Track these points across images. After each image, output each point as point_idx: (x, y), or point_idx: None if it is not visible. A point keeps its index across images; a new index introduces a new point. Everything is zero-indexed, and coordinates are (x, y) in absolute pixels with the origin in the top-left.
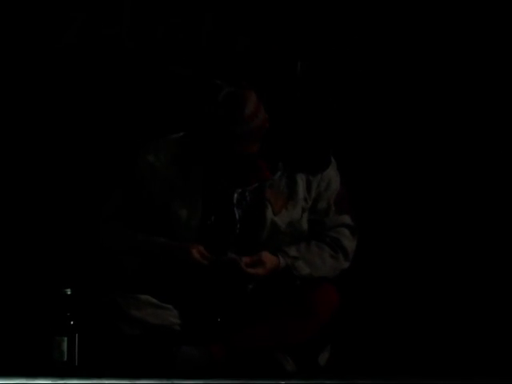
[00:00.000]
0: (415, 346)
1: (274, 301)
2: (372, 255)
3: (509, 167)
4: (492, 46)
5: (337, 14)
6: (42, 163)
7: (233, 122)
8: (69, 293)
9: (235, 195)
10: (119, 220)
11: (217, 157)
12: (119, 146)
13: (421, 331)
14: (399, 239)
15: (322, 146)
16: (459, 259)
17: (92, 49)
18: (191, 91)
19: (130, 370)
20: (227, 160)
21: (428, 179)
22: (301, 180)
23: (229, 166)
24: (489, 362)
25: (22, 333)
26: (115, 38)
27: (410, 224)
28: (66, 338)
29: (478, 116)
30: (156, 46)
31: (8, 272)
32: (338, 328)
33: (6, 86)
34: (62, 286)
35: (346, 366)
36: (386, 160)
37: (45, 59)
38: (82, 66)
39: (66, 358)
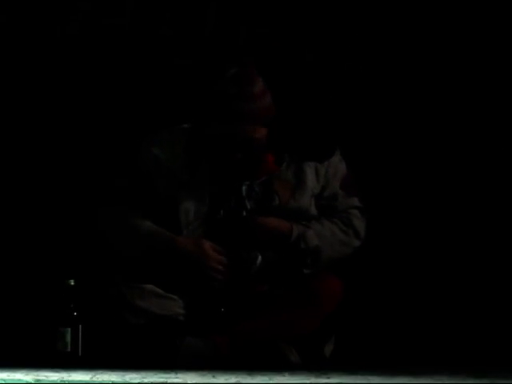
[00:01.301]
0: (420, 337)
1: (278, 292)
2: (376, 246)
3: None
4: (493, 44)
5: (345, 5)
6: (47, 155)
7: (241, 99)
8: (72, 284)
9: (244, 187)
10: (122, 206)
11: (224, 141)
12: (123, 138)
13: (426, 322)
14: (404, 229)
15: (327, 134)
16: (465, 252)
17: (97, 39)
18: (195, 81)
19: (134, 361)
20: (234, 145)
21: (428, 177)
22: (309, 169)
23: (236, 155)
24: (493, 353)
25: (25, 324)
26: (120, 28)
27: (414, 213)
28: (69, 329)
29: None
30: (159, 37)
31: (12, 263)
32: (343, 319)
33: (10, 78)
34: (65, 276)
35: (351, 357)
36: (390, 152)
37: (49, 50)
38: (87, 57)
39: (69, 349)
